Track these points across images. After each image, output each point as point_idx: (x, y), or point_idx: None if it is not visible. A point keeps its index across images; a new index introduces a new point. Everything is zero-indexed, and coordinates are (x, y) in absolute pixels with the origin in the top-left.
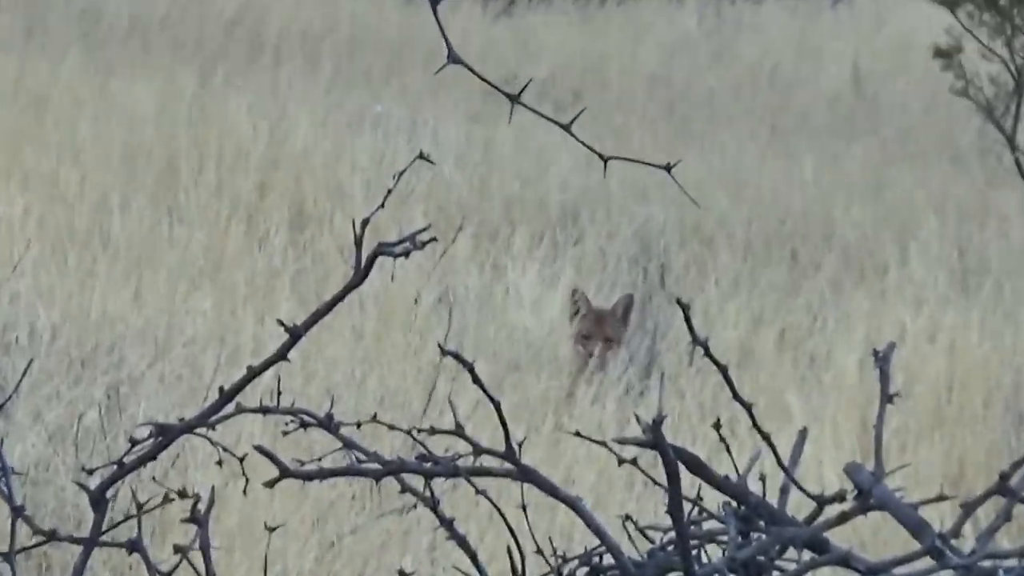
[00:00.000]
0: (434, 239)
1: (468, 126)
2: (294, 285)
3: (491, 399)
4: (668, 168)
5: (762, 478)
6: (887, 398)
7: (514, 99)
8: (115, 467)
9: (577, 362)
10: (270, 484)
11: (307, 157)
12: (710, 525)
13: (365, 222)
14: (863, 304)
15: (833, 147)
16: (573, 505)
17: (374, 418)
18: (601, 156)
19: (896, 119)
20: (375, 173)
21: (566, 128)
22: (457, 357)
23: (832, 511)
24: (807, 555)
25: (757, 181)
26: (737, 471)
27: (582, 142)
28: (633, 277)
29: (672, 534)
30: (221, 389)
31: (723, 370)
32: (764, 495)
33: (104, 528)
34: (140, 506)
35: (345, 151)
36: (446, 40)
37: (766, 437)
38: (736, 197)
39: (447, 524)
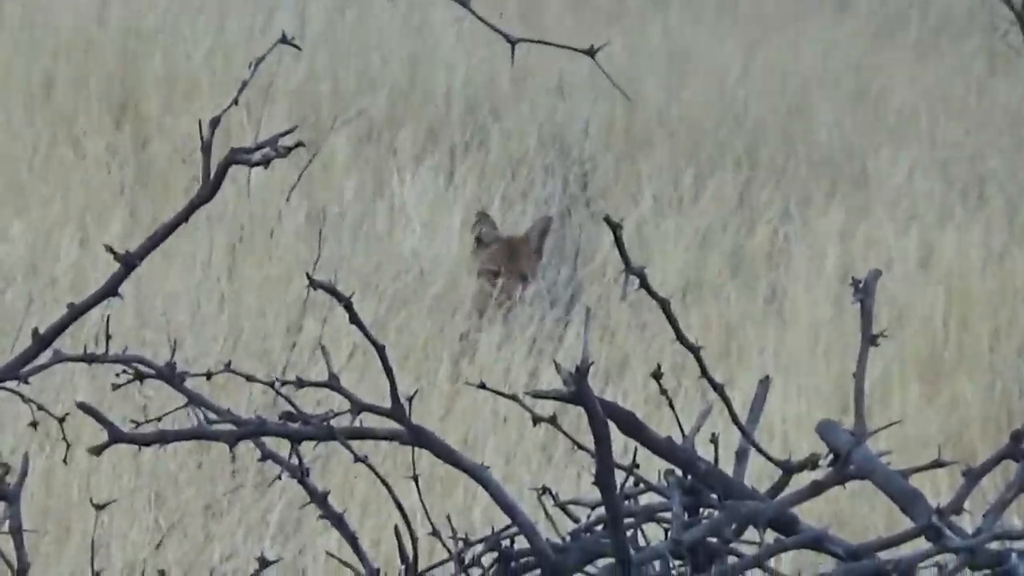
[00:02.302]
0: (300, 144)
1: (342, 1)
2: (124, 201)
3: (373, 343)
4: (591, 52)
5: (714, 440)
6: (869, 339)
7: None
8: None
9: (480, 298)
10: (97, 451)
11: (133, 36)
12: (649, 499)
13: (214, 122)
14: (837, 222)
15: (803, 25)
16: (476, 475)
17: (227, 367)
18: (508, 38)
19: None
20: (223, 59)
21: (464, 3)
22: (330, 290)
23: (802, 481)
24: (771, 536)
25: (704, 67)
26: (682, 431)
27: (483, 20)
28: (549, 190)
29: (601, 511)
30: (35, 332)
31: (663, 305)
32: (716, 461)
33: None
34: None
35: (183, 30)
36: None
37: (718, 388)
38: (678, 88)
39: (319, 499)
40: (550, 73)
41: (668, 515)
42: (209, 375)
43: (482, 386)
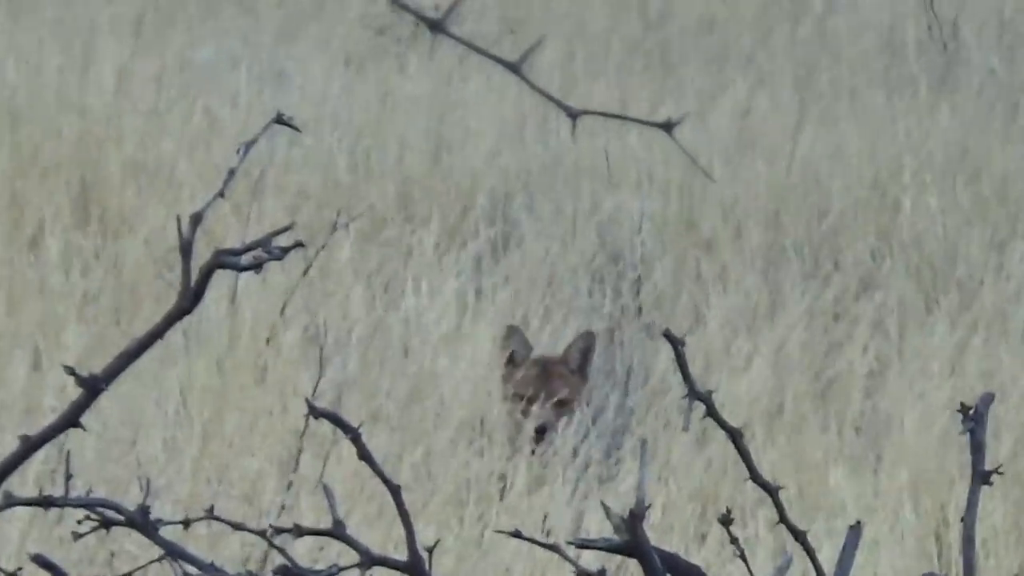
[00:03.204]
0: (300, 244)
1: (349, 74)
2: (86, 313)
3: (386, 482)
4: (668, 127)
5: None
6: (981, 477)
7: (437, 26)
8: None
9: (512, 430)
10: None
11: (98, 116)
12: None
13: (196, 219)
14: (941, 338)
15: (899, 103)
16: None
17: (210, 512)
18: (569, 110)
19: (987, 60)
20: (206, 143)
21: (515, 69)
22: (333, 419)
23: None
24: None
25: (780, 153)
26: None
27: (541, 90)
28: (595, 300)
29: None
30: None
31: (734, 436)
32: None
33: None
34: None
35: (163, 113)
36: None
37: (799, 536)
38: (749, 177)
39: None
40: (595, 158)
41: None
42: (188, 522)
43: (516, 534)
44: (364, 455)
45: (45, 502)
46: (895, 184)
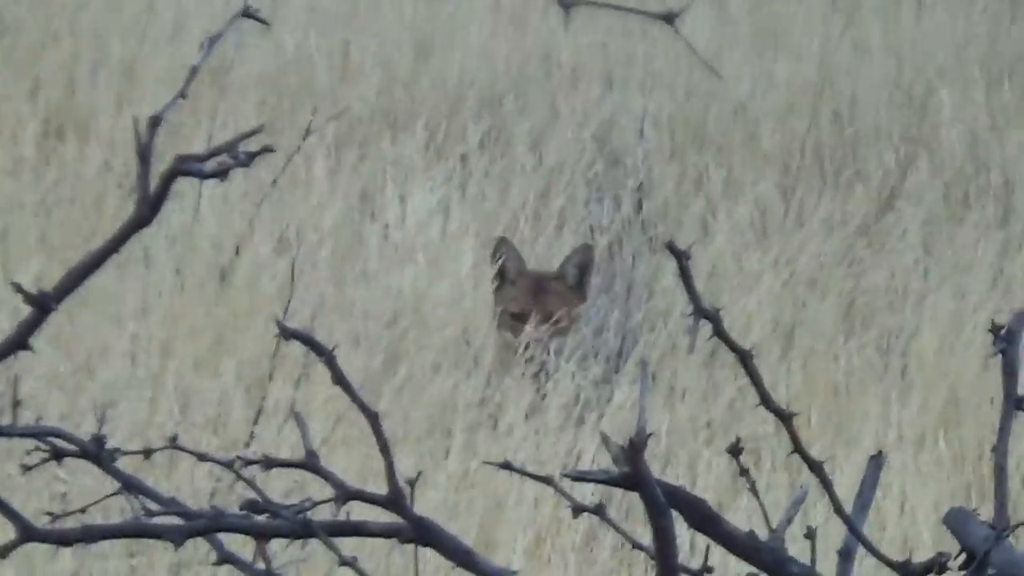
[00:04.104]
0: (269, 149)
1: None
2: (37, 224)
3: (364, 409)
4: (670, 18)
5: (810, 535)
6: (1015, 402)
7: None
8: None
9: (502, 351)
10: (3, 551)
11: (59, 15)
12: None
13: (155, 121)
14: (973, 251)
15: None
16: None
17: (172, 442)
18: (563, 1)
19: None
20: (167, 38)
21: None
22: (306, 340)
23: None
24: None
25: (797, 48)
26: (768, 524)
27: None
28: (594, 210)
29: None
30: None
31: (744, 358)
32: (813, 563)
33: None
34: None
35: (120, 5)
36: None
37: (816, 467)
38: (763, 74)
39: None
40: (594, 54)
41: None
42: (148, 452)
43: (507, 466)
44: (339, 379)
45: None
46: (923, 83)
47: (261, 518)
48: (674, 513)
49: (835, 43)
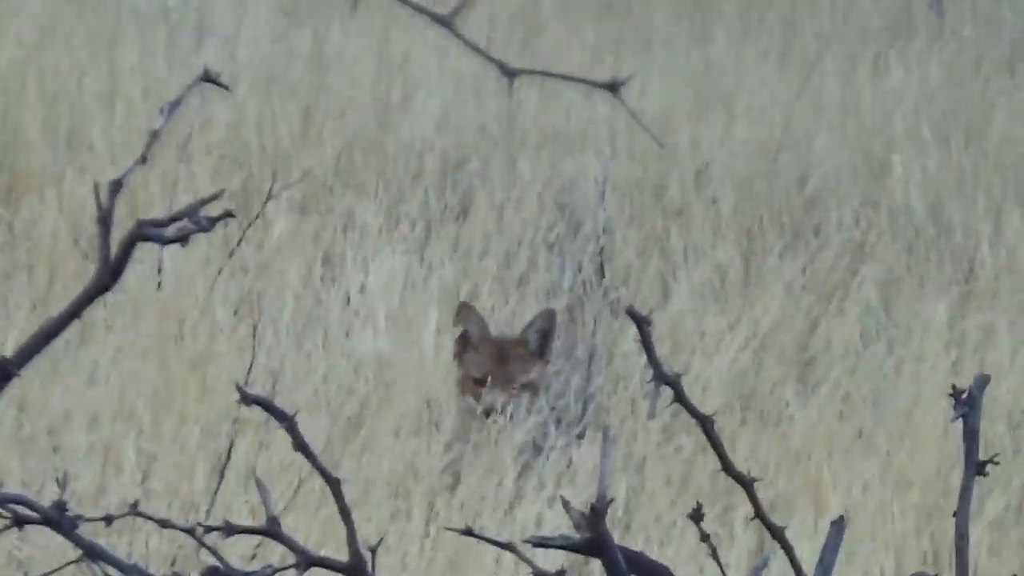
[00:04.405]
0: (229, 214)
1: (283, 26)
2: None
3: (325, 475)
4: (614, 87)
5: None
6: (976, 467)
7: None
8: None
9: (464, 418)
10: None
11: (19, 77)
12: None
13: (116, 186)
14: (934, 314)
15: (888, 54)
16: None
17: (133, 508)
18: (504, 68)
19: (984, 5)
20: (127, 103)
21: (446, 23)
22: (267, 406)
23: None
24: None
25: (754, 113)
26: None
27: (471, 44)
28: (555, 274)
29: None
30: None
31: (704, 424)
32: None
33: None
34: None
35: (78, 69)
36: None
37: (777, 533)
38: (724, 137)
39: None
40: (555, 119)
41: None
42: (110, 519)
43: (468, 532)
44: (300, 445)
45: None
46: (883, 145)
47: None
48: None
49: (792, 105)
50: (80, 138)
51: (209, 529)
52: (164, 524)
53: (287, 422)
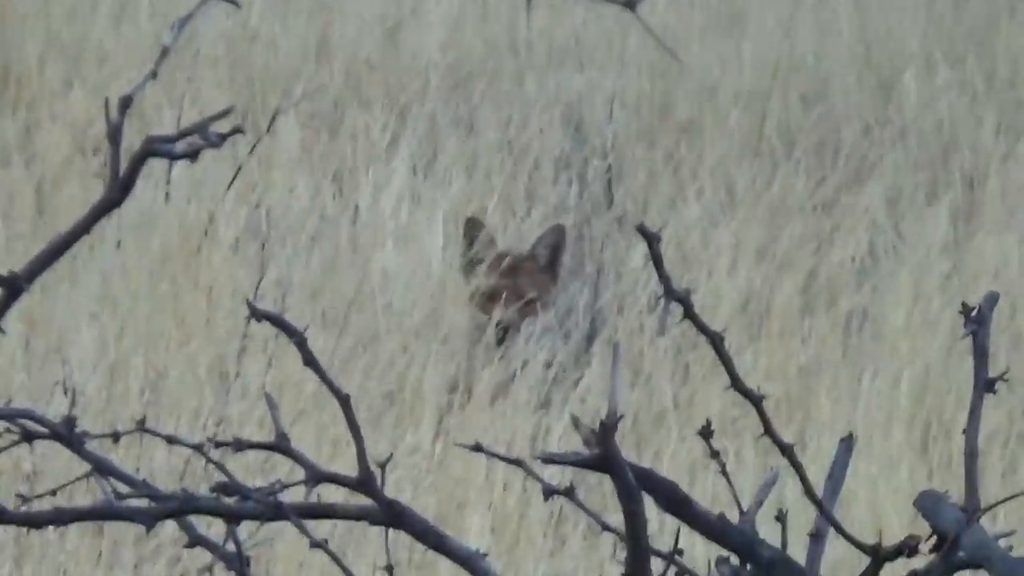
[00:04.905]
0: (237, 130)
1: None
2: (7, 207)
3: (334, 391)
4: (630, 4)
5: (781, 518)
6: (985, 384)
7: None
8: None
9: (473, 333)
10: None
11: None
12: None
13: (125, 102)
14: (941, 230)
15: None
16: (470, 564)
17: (141, 425)
18: None
19: None
20: (135, 19)
21: None
22: (277, 321)
23: (897, 571)
24: None
25: (765, 27)
26: (740, 507)
27: None
28: (562, 190)
29: None
30: None
31: (714, 340)
32: (784, 546)
33: None
34: None
35: None
36: None
37: (786, 450)
38: (730, 55)
39: None
40: (562, 35)
41: None
42: (118, 435)
43: (477, 448)
44: (310, 361)
45: None
46: (893, 63)
47: (231, 500)
48: (645, 496)
49: (802, 25)
50: (89, 53)
51: (217, 445)
52: (172, 440)
53: (296, 337)
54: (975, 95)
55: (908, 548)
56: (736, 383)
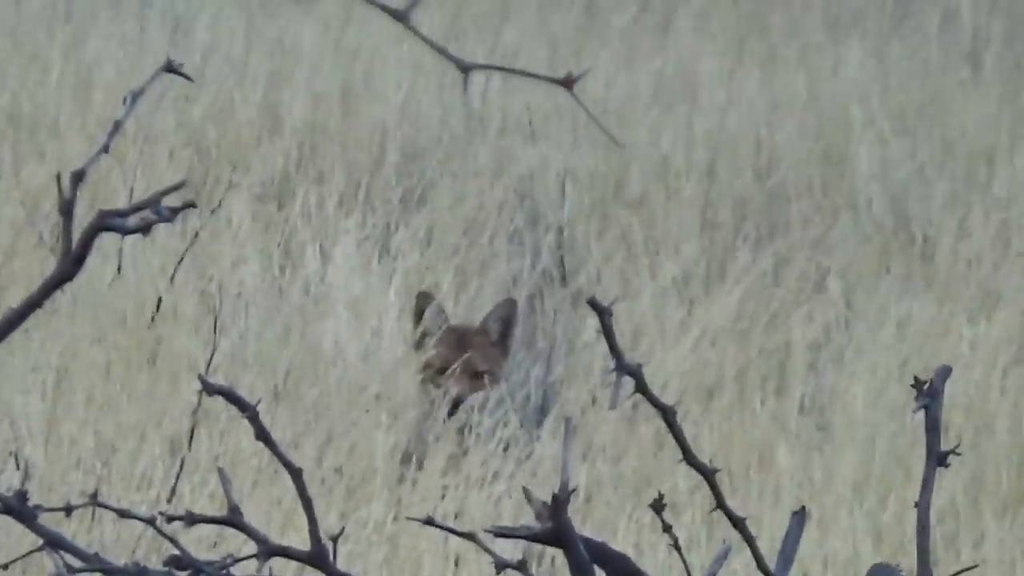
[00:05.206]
0: (191, 204)
1: (243, 20)
2: None
3: (287, 465)
4: (568, 83)
5: None
6: (937, 458)
7: None
8: None
9: (426, 406)
10: None
11: None
12: None
13: (78, 176)
14: (893, 306)
15: (846, 44)
16: None
17: (93, 499)
18: (460, 64)
19: None
20: (92, 92)
21: (401, 18)
22: (229, 396)
23: None
24: None
25: (715, 104)
26: None
27: (428, 40)
28: (515, 266)
29: None
30: None
31: (666, 414)
32: None
33: None
34: None
35: (41, 51)
36: None
37: (738, 523)
38: (681, 131)
39: None
40: (516, 111)
41: None
42: (71, 509)
43: (429, 521)
44: (262, 435)
45: None
46: (843, 136)
47: (184, 574)
48: (596, 569)
49: (751, 96)
50: (42, 126)
51: (170, 519)
52: (124, 514)
53: (249, 411)
54: (923, 166)
55: None
56: (688, 457)
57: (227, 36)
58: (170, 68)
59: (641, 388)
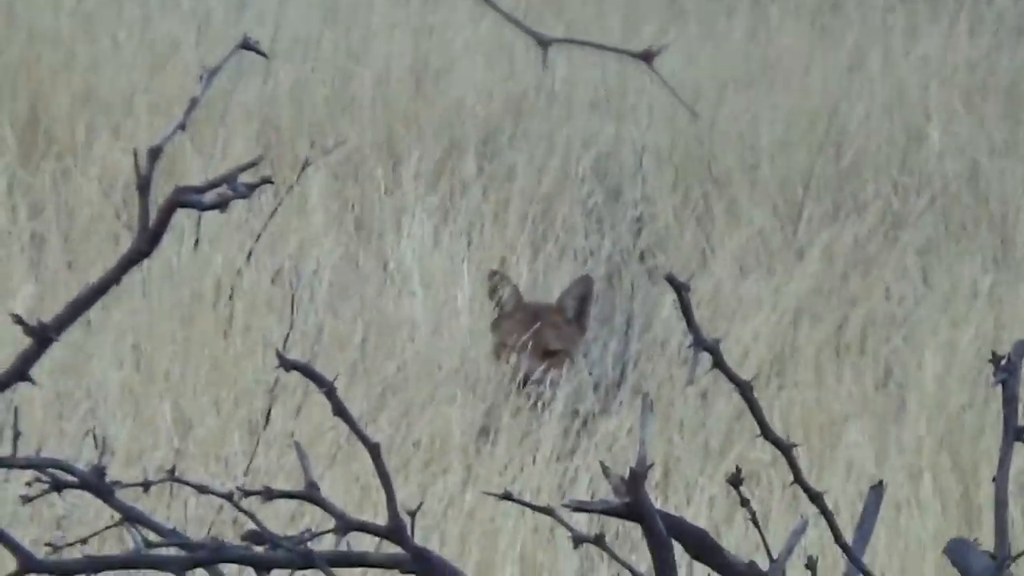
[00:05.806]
0: (266, 181)
1: None
2: (34, 258)
3: (364, 440)
4: (648, 57)
5: (811, 565)
6: (1015, 432)
7: None
8: None
9: (501, 383)
10: None
11: (56, 46)
12: None
13: (154, 153)
14: (971, 280)
15: (920, 21)
16: None
17: (171, 474)
18: (540, 38)
19: None
20: (164, 71)
21: None
22: (306, 371)
23: None
24: None
25: (796, 82)
26: (769, 554)
27: (508, 16)
28: (592, 242)
29: None
30: None
31: (744, 389)
32: None
33: None
34: None
35: (119, 39)
36: None
37: (816, 498)
38: (762, 105)
39: None
40: (592, 86)
41: None
42: (148, 484)
43: (507, 496)
44: (339, 410)
45: None
46: (919, 113)
47: (261, 549)
48: (675, 544)
49: (834, 74)
50: (117, 104)
51: (247, 494)
52: (202, 489)
53: (326, 387)
54: (999, 144)
55: None
56: (765, 431)
57: (300, 12)
58: (247, 45)
59: (718, 363)
